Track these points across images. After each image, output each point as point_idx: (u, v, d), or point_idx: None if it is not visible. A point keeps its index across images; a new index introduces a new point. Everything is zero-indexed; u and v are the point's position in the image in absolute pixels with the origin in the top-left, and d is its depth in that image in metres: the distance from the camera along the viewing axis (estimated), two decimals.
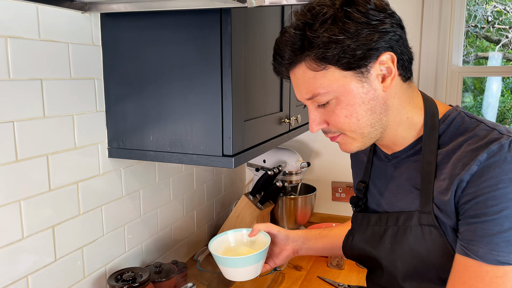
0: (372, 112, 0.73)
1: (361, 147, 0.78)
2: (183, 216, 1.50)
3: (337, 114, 0.73)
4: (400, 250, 0.78)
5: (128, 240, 1.21)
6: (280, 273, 1.42)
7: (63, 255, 0.99)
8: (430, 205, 0.74)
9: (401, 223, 0.78)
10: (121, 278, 1.07)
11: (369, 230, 0.85)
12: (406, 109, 0.77)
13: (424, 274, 0.76)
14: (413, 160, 0.79)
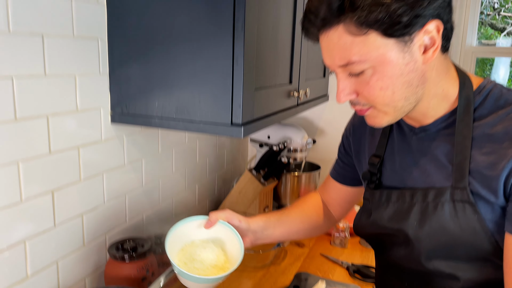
0: (409, 85, 0.68)
1: (391, 121, 0.73)
2: (185, 189, 1.47)
3: (371, 85, 0.68)
4: (429, 227, 0.74)
5: (129, 210, 1.18)
6: (282, 249, 1.40)
7: (63, 221, 0.96)
8: (465, 180, 0.70)
9: (431, 199, 0.74)
10: (122, 248, 1.04)
11: (390, 207, 0.81)
12: (442, 81, 0.72)
13: (452, 252, 0.73)
14: (445, 134, 0.75)
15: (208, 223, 0.90)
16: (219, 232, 0.91)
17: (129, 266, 1.00)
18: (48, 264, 0.93)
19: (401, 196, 0.80)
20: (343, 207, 1.09)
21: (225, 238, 0.91)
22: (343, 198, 1.07)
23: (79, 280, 1.02)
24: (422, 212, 0.75)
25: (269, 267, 1.29)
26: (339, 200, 1.08)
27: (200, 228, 0.91)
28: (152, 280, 1.03)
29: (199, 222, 0.91)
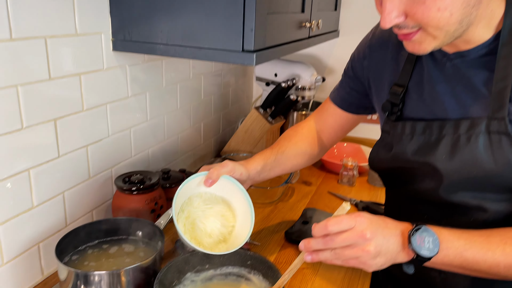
0: (466, 5, 0.60)
1: (437, 47, 0.66)
2: (190, 126, 1.43)
3: (427, 5, 0.60)
4: (460, 161, 0.70)
5: (134, 145, 1.14)
6: (289, 187, 1.38)
7: (67, 152, 0.92)
8: (505, 110, 0.66)
9: (463, 131, 0.70)
10: (129, 180, 1.01)
11: (415, 140, 0.76)
12: (492, 2, 0.66)
13: (481, 184, 0.70)
14: (485, 60, 0.69)
15: (209, 180, 0.83)
16: (223, 189, 0.86)
17: (136, 198, 0.98)
18: (54, 194, 0.90)
19: (428, 128, 0.75)
20: (338, 135, 1.04)
21: (231, 196, 0.86)
22: (341, 125, 1.02)
23: (86, 213, 1.00)
24: (452, 145, 0.71)
25: (277, 204, 1.28)
26: (336, 128, 1.02)
27: (202, 186, 0.85)
28: (161, 213, 1.01)
29: (201, 179, 0.85)
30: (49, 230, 0.90)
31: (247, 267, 0.84)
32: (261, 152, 0.96)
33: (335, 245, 0.64)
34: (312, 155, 1.03)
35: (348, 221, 0.63)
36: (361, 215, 0.64)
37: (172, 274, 0.80)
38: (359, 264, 0.64)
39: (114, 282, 0.74)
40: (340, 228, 0.63)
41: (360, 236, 0.62)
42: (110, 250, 0.87)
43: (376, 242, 0.62)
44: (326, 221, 0.65)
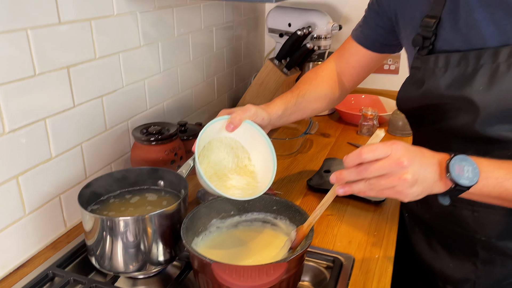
0: None
1: None
2: (203, 80, 1.38)
3: None
4: (499, 91, 0.66)
5: (149, 97, 1.11)
6: (308, 139, 1.35)
7: (82, 102, 0.89)
8: None
9: (503, 59, 0.65)
10: (147, 132, 0.98)
11: (449, 73, 0.72)
12: None
13: None
14: None
15: (230, 126, 0.77)
16: (244, 135, 0.81)
17: (156, 149, 0.96)
18: (71, 146, 0.88)
19: (463, 59, 0.70)
20: (360, 76, 0.99)
21: (252, 142, 0.81)
22: (364, 65, 0.97)
23: (105, 165, 0.99)
24: (491, 75, 0.67)
25: (296, 155, 1.25)
26: (358, 68, 0.97)
27: (223, 131, 0.79)
28: (181, 163, 0.99)
29: (222, 124, 0.79)
30: (69, 182, 0.89)
31: (273, 213, 0.82)
32: (282, 96, 0.92)
33: (370, 174, 0.60)
34: (332, 98, 0.99)
35: (383, 148, 0.59)
36: (396, 142, 0.60)
37: (198, 221, 0.78)
38: (394, 194, 0.61)
39: (139, 229, 0.72)
40: (375, 156, 0.59)
41: (396, 164, 0.58)
42: (132, 199, 0.85)
43: (414, 170, 0.59)
44: (359, 149, 0.61)
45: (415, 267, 0.92)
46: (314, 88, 0.95)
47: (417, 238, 0.92)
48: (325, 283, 0.78)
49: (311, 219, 0.71)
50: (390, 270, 0.77)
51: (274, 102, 0.89)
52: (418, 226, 0.92)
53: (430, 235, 0.89)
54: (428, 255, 0.89)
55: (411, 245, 0.93)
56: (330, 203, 0.69)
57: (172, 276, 0.81)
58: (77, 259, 0.83)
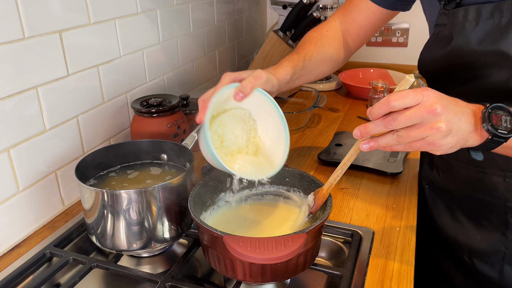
0: None
1: None
2: (204, 54, 1.32)
3: None
4: None
5: (148, 69, 1.04)
6: (315, 114, 1.29)
7: (77, 70, 0.82)
8: None
9: None
10: (147, 104, 0.92)
11: (481, 26, 0.66)
12: None
13: None
14: None
15: (240, 94, 0.67)
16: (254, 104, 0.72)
17: (157, 121, 0.90)
18: (67, 118, 0.82)
19: (497, 9, 0.64)
20: (367, 35, 0.93)
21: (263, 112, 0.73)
22: (372, 23, 0.90)
23: (104, 140, 0.92)
24: None
25: (304, 130, 1.19)
26: (366, 27, 0.91)
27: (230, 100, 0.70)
28: (184, 137, 0.93)
29: (231, 92, 0.69)
30: (65, 157, 0.83)
31: (285, 185, 0.76)
32: (289, 58, 0.83)
33: (399, 125, 0.53)
34: (337, 60, 0.91)
35: (414, 95, 0.52)
36: (428, 89, 0.54)
37: (205, 195, 0.72)
38: (426, 146, 0.55)
39: (143, 203, 0.67)
40: (405, 104, 0.53)
41: (429, 111, 0.52)
42: (134, 174, 0.79)
43: (447, 119, 0.53)
44: (387, 96, 0.54)
45: (437, 241, 0.87)
46: (320, 49, 0.88)
47: (439, 210, 0.86)
48: (343, 258, 0.73)
49: (332, 180, 0.65)
50: (413, 243, 0.72)
51: (282, 66, 0.81)
52: (440, 197, 0.86)
53: (454, 207, 0.83)
54: (452, 228, 0.84)
55: (433, 218, 0.88)
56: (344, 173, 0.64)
57: (178, 254, 0.76)
58: (76, 238, 0.77)
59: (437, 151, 0.56)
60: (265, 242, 0.55)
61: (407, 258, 0.69)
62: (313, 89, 1.33)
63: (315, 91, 1.31)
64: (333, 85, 1.53)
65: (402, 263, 0.67)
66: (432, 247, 0.89)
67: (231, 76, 0.71)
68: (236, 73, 0.72)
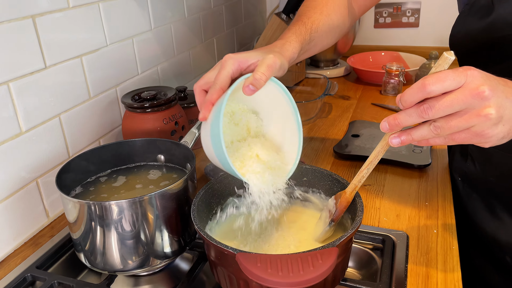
0: None
1: None
2: (201, 42, 1.20)
3: None
4: None
5: (140, 59, 0.93)
6: (325, 103, 1.18)
7: (55, 62, 0.71)
8: None
9: None
10: (140, 98, 0.81)
11: None
12: None
13: None
14: None
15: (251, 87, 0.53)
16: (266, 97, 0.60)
17: (152, 117, 0.79)
18: (46, 118, 0.71)
19: None
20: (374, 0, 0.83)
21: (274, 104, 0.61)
22: None
23: (92, 142, 0.82)
24: None
25: (315, 121, 1.08)
26: None
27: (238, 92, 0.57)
28: (183, 134, 0.82)
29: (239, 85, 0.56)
30: (48, 162, 0.72)
31: (303, 185, 0.66)
32: (295, 31, 0.69)
33: (437, 113, 0.43)
34: (342, 30, 0.80)
35: (455, 76, 0.43)
36: (471, 68, 0.44)
37: (211, 200, 0.62)
38: (472, 138, 0.45)
39: (138, 214, 0.56)
40: (445, 88, 0.43)
41: (475, 95, 0.42)
42: (127, 180, 0.69)
43: (498, 103, 0.43)
44: (422, 79, 0.44)
45: (474, 240, 0.77)
46: (326, 18, 0.75)
47: (475, 206, 0.76)
48: (375, 268, 0.62)
49: (356, 181, 0.55)
50: (455, 248, 0.62)
51: (289, 41, 0.68)
52: (476, 191, 0.76)
53: (493, 201, 0.73)
54: (491, 226, 0.73)
55: (468, 214, 0.77)
56: None
57: (183, 271, 0.66)
58: (63, 256, 0.67)
59: (485, 143, 0.46)
60: (288, 261, 0.45)
61: (451, 266, 0.58)
62: (322, 75, 1.21)
63: (324, 77, 1.20)
64: (341, 71, 1.42)
65: (446, 272, 0.57)
66: (467, 247, 0.79)
67: (235, 61, 0.59)
68: (240, 56, 0.59)
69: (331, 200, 0.59)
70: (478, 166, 0.74)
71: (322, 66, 1.45)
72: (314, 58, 1.45)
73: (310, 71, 1.40)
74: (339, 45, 1.40)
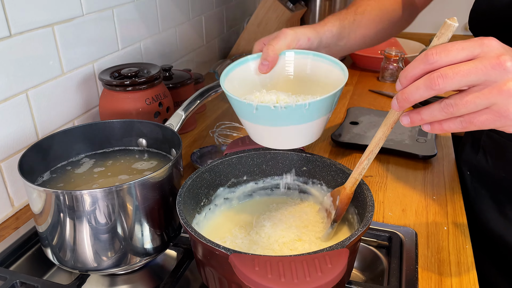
0: None
1: None
2: (188, 19, 1.11)
3: None
4: None
5: (120, 33, 0.84)
6: None
7: (22, 30, 0.62)
8: None
9: None
10: (120, 75, 0.73)
11: None
12: None
13: None
14: None
15: (264, 63, 0.54)
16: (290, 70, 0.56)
17: (133, 96, 0.71)
18: (11, 94, 0.62)
19: None
20: None
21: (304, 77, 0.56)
22: None
23: (65, 123, 0.73)
24: None
25: None
26: None
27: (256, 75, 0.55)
28: (168, 116, 0.74)
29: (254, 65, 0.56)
30: (13, 144, 0.63)
31: (302, 175, 0.59)
32: (333, 14, 0.66)
33: (450, 83, 0.37)
34: (395, 17, 0.73)
35: (466, 45, 0.37)
36: (488, 37, 0.38)
37: (199, 191, 0.54)
38: (494, 119, 0.38)
39: (114, 205, 0.48)
40: (453, 57, 0.37)
41: (496, 65, 0.36)
42: (103, 166, 0.61)
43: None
44: (426, 51, 0.39)
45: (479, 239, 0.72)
46: (377, 3, 0.70)
47: (483, 203, 0.70)
48: (381, 269, 0.56)
49: (356, 174, 0.49)
50: (469, 248, 0.56)
51: (324, 20, 0.64)
52: (485, 187, 0.70)
53: (503, 199, 0.67)
54: (499, 225, 0.68)
55: (474, 211, 0.71)
56: None
57: (166, 269, 0.58)
58: (28, 252, 0.59)
59: (510, 127, 0.39)
60: (292, 265, 0.38)
61: (466, 267, 0.53)
62: None
63: None
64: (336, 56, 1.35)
65: (461, 275, 0.51)
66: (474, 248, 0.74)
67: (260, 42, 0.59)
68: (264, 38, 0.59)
69: (327, 198, 0.53)
70: (490, 160, 0.68)
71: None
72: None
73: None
74: None
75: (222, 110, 1.01)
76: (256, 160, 0.59)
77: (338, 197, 0.51)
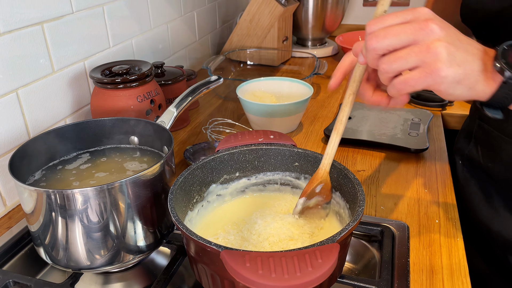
0: None
1: None
2: (180, 15, 1.11)
3: None
4: None
5: (111, 31, 0.84)
6: (313, 83, 1.12)
7: (11, 29, 0.62)
8: None
9: None
10: (111, 73, 0.72)
11: None
12: None
13: None
14: None
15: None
16: None
17: (124, 94, 0.70)
18: (1, 93, 0.61)
19: None
20: None
21: None
22: None
23: (56, 122, 0.73)
24: None
25: None
26: None
27: None
28: (160, 114, 0.74)
29: None
30: (4, 144, 0.63)
31: (293, 171, 0.59)
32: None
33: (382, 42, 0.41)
34: None
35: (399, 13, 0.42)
36: (422, 8, 0.43)
37: (191, 188, 0.55)
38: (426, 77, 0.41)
39: (106, 204, 0.48)
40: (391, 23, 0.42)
41: (423, 27, 0.41)
42: (94, 164, 0.60)
43: (448, 40, 0.41)
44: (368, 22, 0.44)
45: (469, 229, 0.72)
46: None
47: (472, 191, 0.71)
48: (373, 262, 0.57)
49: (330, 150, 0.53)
50: (460, 240, 0.57)
51: None
52: (474, 177, 0.71)
53: (491, 189, 0.68)
54: (486, 214, 0.68)
55: (463, 199, 0.72)
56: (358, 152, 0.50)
57: (159, 267, 0.58)
58: (21, 251, 0.59)
59: (440, 85, 0.42)
60: (282, 260, 0.38)
61: (457, 260, 0.53)
62: (311, 54, 1.14)
63: (312, 56, 1.13)
64: (329, 51, 1.35)
65: (452, 267, 0.52)
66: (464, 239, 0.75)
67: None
68: None
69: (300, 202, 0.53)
70: (481, 150, 0.69)
71: (309, 45, 1.38)
72: (301, 36, 1.38)
73: (296, 49, 1.33)
74: (327, 23, 1.33)
75: (215, 106, 1.01)
76: (248, 156, 0.59)
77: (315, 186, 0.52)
